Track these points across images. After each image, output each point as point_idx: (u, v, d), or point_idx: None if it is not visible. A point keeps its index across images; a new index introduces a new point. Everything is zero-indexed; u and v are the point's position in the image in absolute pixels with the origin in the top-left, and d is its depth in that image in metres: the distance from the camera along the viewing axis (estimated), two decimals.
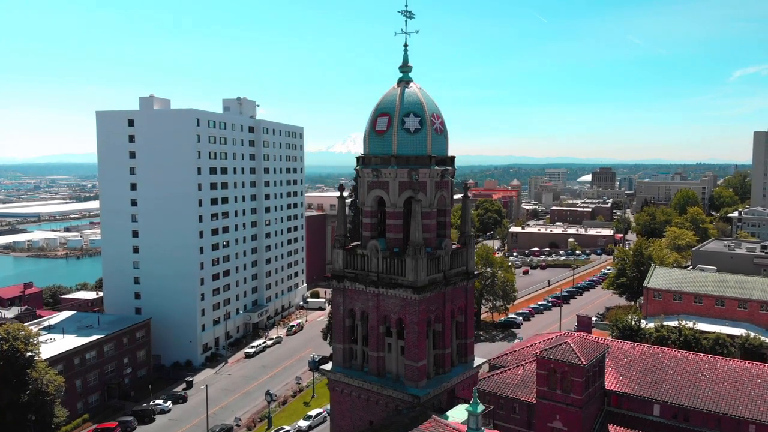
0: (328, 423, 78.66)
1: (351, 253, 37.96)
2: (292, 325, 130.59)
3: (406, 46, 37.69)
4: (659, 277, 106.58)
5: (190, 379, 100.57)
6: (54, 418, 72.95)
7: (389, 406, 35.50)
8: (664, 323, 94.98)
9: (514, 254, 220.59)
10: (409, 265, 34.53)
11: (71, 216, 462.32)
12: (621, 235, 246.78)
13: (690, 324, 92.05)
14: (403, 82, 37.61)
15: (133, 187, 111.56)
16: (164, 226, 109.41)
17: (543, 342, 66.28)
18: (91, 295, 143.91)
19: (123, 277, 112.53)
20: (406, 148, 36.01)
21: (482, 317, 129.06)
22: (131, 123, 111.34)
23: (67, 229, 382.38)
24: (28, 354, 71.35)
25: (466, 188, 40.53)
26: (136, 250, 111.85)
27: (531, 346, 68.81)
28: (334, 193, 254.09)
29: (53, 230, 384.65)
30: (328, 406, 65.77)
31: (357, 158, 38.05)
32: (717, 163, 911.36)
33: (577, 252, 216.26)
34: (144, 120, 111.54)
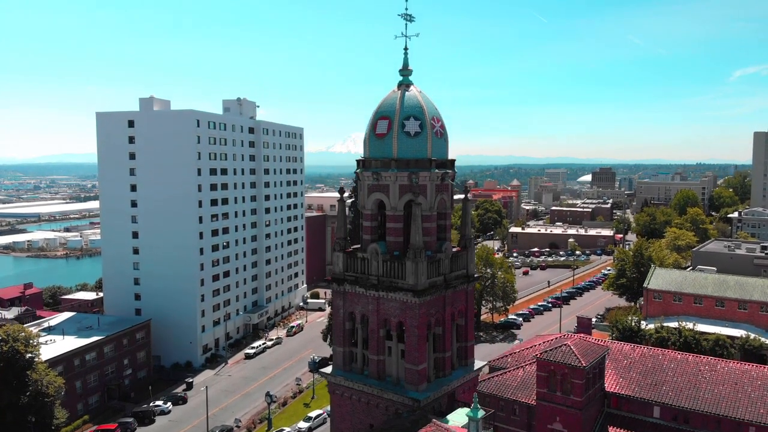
0: (328, 424, 78.58)
1: (351, 256, 37.92)
2: (292, 326, 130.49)
3: (406, 50, 37.61)
4: (659, 278, 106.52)
5: (190, 380, 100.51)
6: (54, 419, 72.80)
7: (389, 410, 35.48)
8: (664, 324, 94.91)
9: (514, 255, 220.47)
10: (409, 269, 34.50)
11: (71, 216, 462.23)
12: (621, 235, 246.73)
13: (690, 325, 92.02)
14: (404, 85, 37.54)
15: (133, 188, 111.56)
16: (164, 227, 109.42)
17: (543, 344, 66.22)
18: (91, 295, 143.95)
19: (123, 278, 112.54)
20: (406, 151, 35.95)
21: (482, 318, 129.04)
22: (131, 124, 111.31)
23: (67, 229, 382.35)
24: (28, 355, 71.30)
25: (466, 191, 40.49)
26: (136, 251, 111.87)
27: (531, 347, 68.73)
28: (334, 194, 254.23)
29: (53, 230, 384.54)
30: (328, 408, 65.76)
31: (357, 161, 37.99)
32: (717, 163, 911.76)
33: (577, 252, 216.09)
34: (144, 121, 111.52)
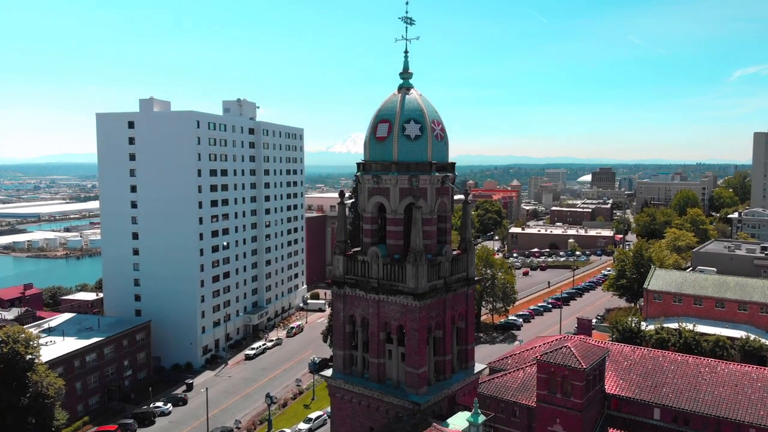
0: (328, 426, 78.59)
1: (351, 259, 37.91)
2: (292, 327, 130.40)
3: (406, 53, 37.55)
4: (659, 279, 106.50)
5: (191, 381, 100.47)
6: (54, 420, 72.81)
7: (390, 413, 35.46)
8: (664, 325, 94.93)
9: (514, 255, 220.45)
10: (409, 272, 34.49)
11: (71, 216, 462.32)
12: (621, 236, 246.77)
13: (690, 326, 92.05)
14: (404, 88, 37.49)
15: (133, 189, 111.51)
16: (164, 228, 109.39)
17: (543, 345, 66.18)
18: (91, 296, 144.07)
19: (123, 279, 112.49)
20: (406, 154, 35.93)
21: (482, 319, 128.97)
22: (131, 125, 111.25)
23: (67, 230, 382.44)
24: (29, 357, 71.27)
25: (466, 194, 40.46)
26: (136, 252, 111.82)
27: (531, 349, 68.71)
28: (335, 194, 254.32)
29: (53, 230, 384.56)
30: (328, 409, 65.77)
31: (357, 164, 37.97)
32: (717, 163, 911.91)
33: (577, 253, 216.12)
34: (144, 122, 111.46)
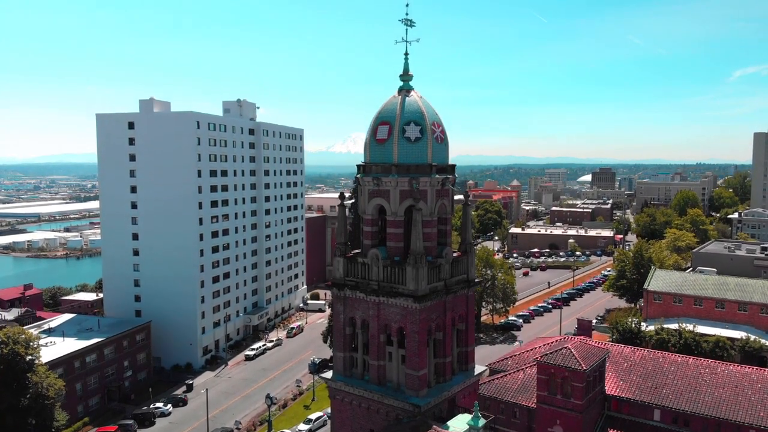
0: (328, 427, 78.66)
1: (351, 261, 37.87)
2: (292, 328, 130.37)
3: (406, 55, 37.47)
4: (659, 280, 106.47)
5: (191, 381, 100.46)
6: (54, 421, 72.77)
7: (390, 416, 35.43)
8: (665, 326, 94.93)
9: (514, 255, 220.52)
10: (409, 274, 34.46)
11: (71, 216, 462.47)
12: (621, 236, 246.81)
13: (690, 327, 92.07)
14: (404, 90, 37.42)
15: (133, 189, 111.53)
16: (164, 229, 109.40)
17: (543, 346, 66.20)
18: (91, 296, 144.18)
19: (123, 280, 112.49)
20: (406, 156, 35.89)
21: (482, 319, 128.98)
22: (131, 126, 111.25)
23: (67, 230, 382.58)
24: (29, 358, 71.29)
25: (467, 196, 40.42)
26: (136, 252, 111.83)
27: (531, 350, 68.75)
28: (335, 194, 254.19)
29: (53, 230, 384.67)
30: (328, 410, 65.78)
31: (357, 166, 37.95)
32: (717, 163, 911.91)
33: (577, 253, 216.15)
34: (144, 123, 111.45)
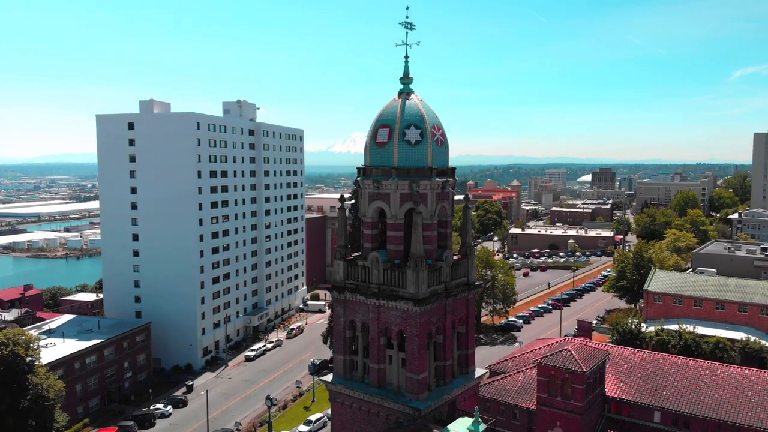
0: (328, 428, 78.69)
1: (352, 264, 37.85)
2: (293, 328, 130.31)
3: (407, 58, 37.42)
4: (659, 281, 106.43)
5: (191, 382, 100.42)
6: (54, 423, 72.77)
7: (390, 419, 35.40)
8: (665, 327, 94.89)
9: (514, 255, 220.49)
10: (410, 278, 34.43)
11: (71, 216, 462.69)
12: (621, 236, 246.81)
13: (690, 328, 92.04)
14: (404, 93, 37.37)
15: (134, 190, 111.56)
16: (164, 230, 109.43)
17: (543, 348, 66.21)
18: (91, 297, 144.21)
19: (123, 281, 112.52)
20: (407, 159, 35.86)
21: (482, 320, 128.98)
22: (131, 126, 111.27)
23: (67, 230, 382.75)
24: (29, 359, 71.33)
25: (467, 199, 40.38)
26: (136, 253, 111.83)
27: (531, 351, 68.78)
28: (335, 195, 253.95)
29: (53, 230, 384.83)
30: (328, 411, 65.75)
31: (358, 169, 37.93)
32: (717, 163, 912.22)
33: (577, 254, 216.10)
34: (144, 123, 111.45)
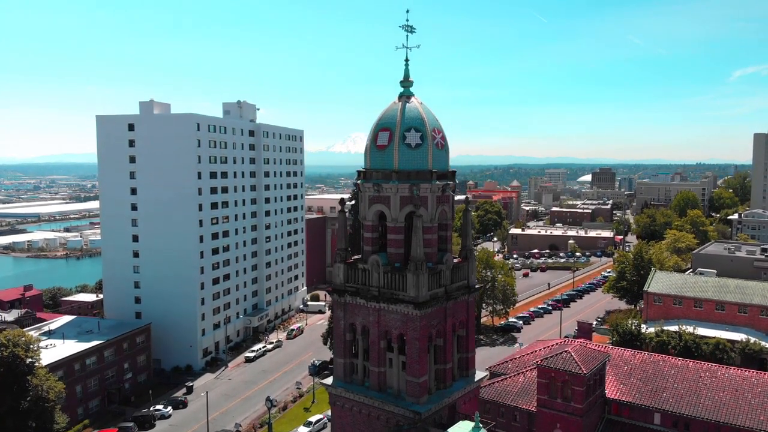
0: (328, 429, 78.66)
1: (352, 267, 37.83)
2: (293, 329, 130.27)
3: (407, 61, 37.39)
4: (659, 282, 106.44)
5: (191, 384, 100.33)
6: (54, 424, 72.60)
7: (390, 422, 35.40)
8: (665, 328, 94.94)
9: (514, 256, 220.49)
10: (410, 281, 34.42)
11: (71, 216, 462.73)
12: (621, 237, 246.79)
13: (690, 329, 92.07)
14: (404, 96, 37.36)
15: (133, 191, 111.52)
16: (164, 231, 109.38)
17: (543, 349, 66.26)
18: (90, 297, 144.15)
19: (123, 282, 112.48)
20: (407, 163, 35.83)
21: (482, 321, 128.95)
22: (131, 127, 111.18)
23: (66, 230, 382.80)
24: (29, 360, 71.14)
25: (467, 202, 40.39)
26: (136, 254, 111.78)
27: (532, 353, 68.83)
28: (335, 195, 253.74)
29: (53, 230, 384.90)
30: (328, 412, 65.74)
31: (358, 172, 37.93)
32: (717, 163, 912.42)
33: (577, 254, 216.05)
34: (144, 124, 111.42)
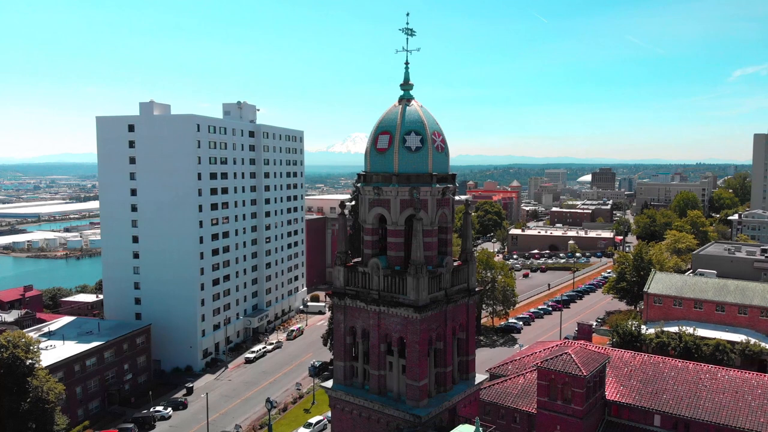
0: (328, 430, 78.67)
1: (352, 270, 37.82)
2: (292, 330, 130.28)
3: (407, 64, 37.39)
4: (659, 283, 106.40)
5: (191, 385, 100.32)
6: (54, 425, 72.55)
7: (390, 425, 35.39)
8: (665, 329, 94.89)
9: (514, 256, 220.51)
10: (410, 284, 34.42)
11: (71, 216, 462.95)
12: (621, 237, 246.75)
13: (690, 330, 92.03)
14: (405, 99, 37.37)
15: (133, 192, 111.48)
16: (164, 232, 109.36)
17: (544, 351, 66.28)
18: (90, 297, 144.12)
19: (123, 283, 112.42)
20: (407, 166, 35.85)
21: (482, 322, 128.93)
22: (131, 128, 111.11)
23: (66, 230, 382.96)
24: (29, 362, 71.12)
25: (467, 205, 40.39)
26: (136, 255, 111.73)
27: (532, 354, 68.83)
28: (335, 195, 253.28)
29: (53, 230, 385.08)
30: (328, 414, 65.74)
31: (358, 175, 37.93)
32: (717, 163, 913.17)
33: (577, 255, 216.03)
34: (144, 125, 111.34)
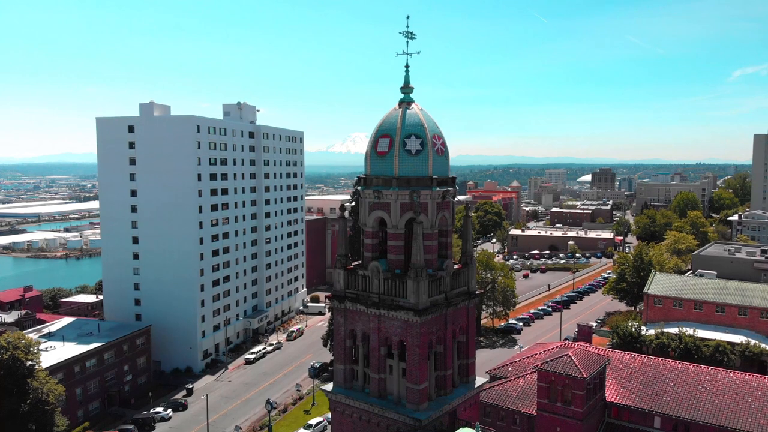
0: (328, 431, 78.78)
1: (352, 273, 37.80)
2: (292, 331, 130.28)
3: (407, 67, 37.35)
4: (659, 284, 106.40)
5: (191, 385, 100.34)
6: (54, 427, 72.51)
7: (390, 429, 35.38)
8: (665, 330, 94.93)
9: (514, 257, 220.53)
10: (410, 288, 34.41)
11: (71, 216, 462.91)
12: (621, 238, 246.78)
13: (690, 331, 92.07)
14: (405, 102, 37.33)
15: (133, 193, 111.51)
16: (164, 233, 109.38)
17: (544, 353, 66.30)
18: (90, 298, 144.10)
19: (123, 284, 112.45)
20: (407, 169, 35.83)
21: (482, 322, 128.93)
22: (131, 129, 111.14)
23: (66, 230, 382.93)
24: (29, 363, 71.06)
25: (467, 208, 40.38)
26: (136, 256, 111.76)
27: (532, 356, 68.85)
28: (335, 196, 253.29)
29: (53, 230, 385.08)
30: (328, 415, 65.72)
31: (358, 178, 37.94)
32: (716, 163, 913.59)
33: (577, 255, 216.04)
34: (144, 126, 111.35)
